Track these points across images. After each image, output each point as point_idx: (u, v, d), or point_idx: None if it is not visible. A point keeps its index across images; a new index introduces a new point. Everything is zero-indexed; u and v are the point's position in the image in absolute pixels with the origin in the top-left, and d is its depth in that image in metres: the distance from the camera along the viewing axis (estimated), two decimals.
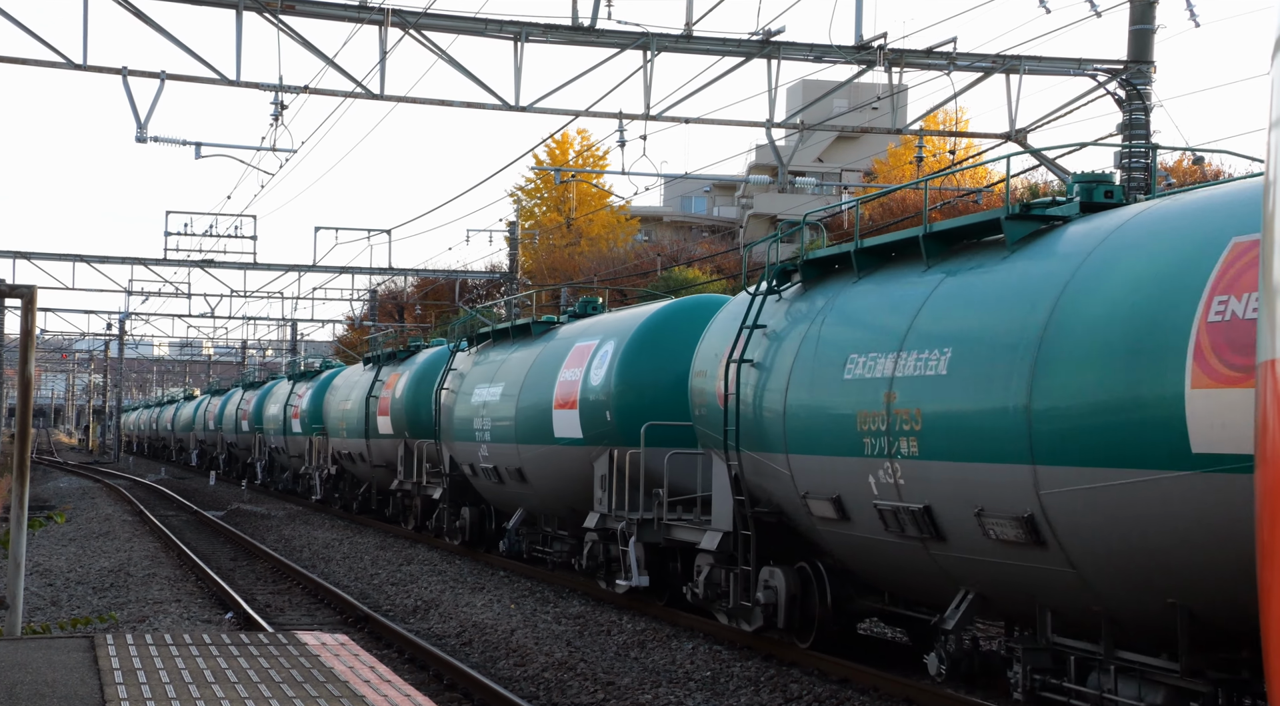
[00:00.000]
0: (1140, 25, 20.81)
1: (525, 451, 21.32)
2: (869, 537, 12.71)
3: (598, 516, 18.96)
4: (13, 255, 43.74)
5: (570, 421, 19.75)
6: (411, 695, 8.11)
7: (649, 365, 18.88)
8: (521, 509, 23.07)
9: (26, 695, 7.66)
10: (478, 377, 24.18)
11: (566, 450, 19.89)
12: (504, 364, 23.13)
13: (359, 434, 33.27)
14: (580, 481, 19.68)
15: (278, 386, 48.23)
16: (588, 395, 19.27)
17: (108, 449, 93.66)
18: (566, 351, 20.69)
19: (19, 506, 10.23)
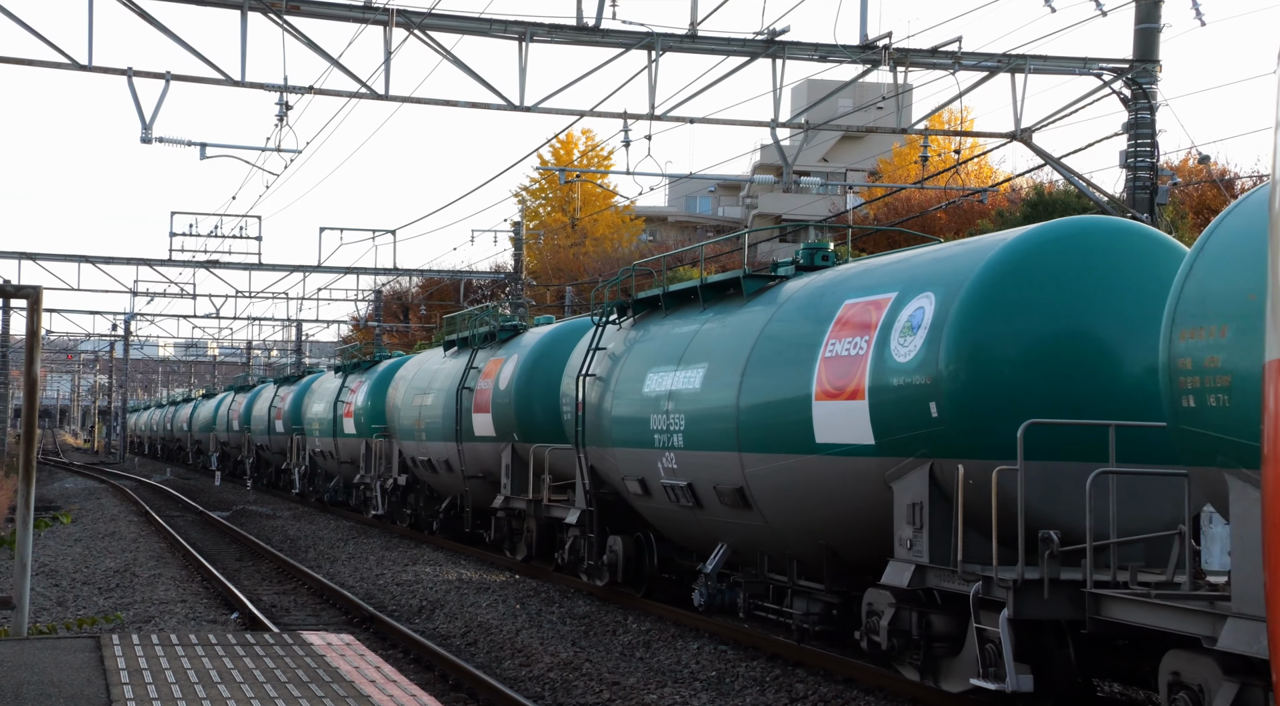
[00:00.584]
0: (1146, 24, 20.79)
1: (756, 464, 14.67)
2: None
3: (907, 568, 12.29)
4: (18, 256, 43.78)
5: (850, 420, 12.98)
6: (417, 695, 8.11)
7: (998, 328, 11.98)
8: (725, 544, 16.05)
9: (33, 695, 7.67)
10: (650, 358, 17.68)
11: (841, 463, 13.18)
12: (697, 337, 16.69)
13: (445, 436, 26.99)
14: (868, 508, 12.92)
15: (321, 380, 42.84)
16: (887, 378, 12.51)
17: (113, 449, 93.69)
18: (830, 312, 13.87)
19: (25, 507, 10.24)
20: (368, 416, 34.60)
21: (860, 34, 21.55)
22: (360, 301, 57.97)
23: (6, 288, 11.05)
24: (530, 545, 22.96)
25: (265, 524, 34.72)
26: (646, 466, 17.21)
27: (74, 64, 20.75)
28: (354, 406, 35.83)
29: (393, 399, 31.57)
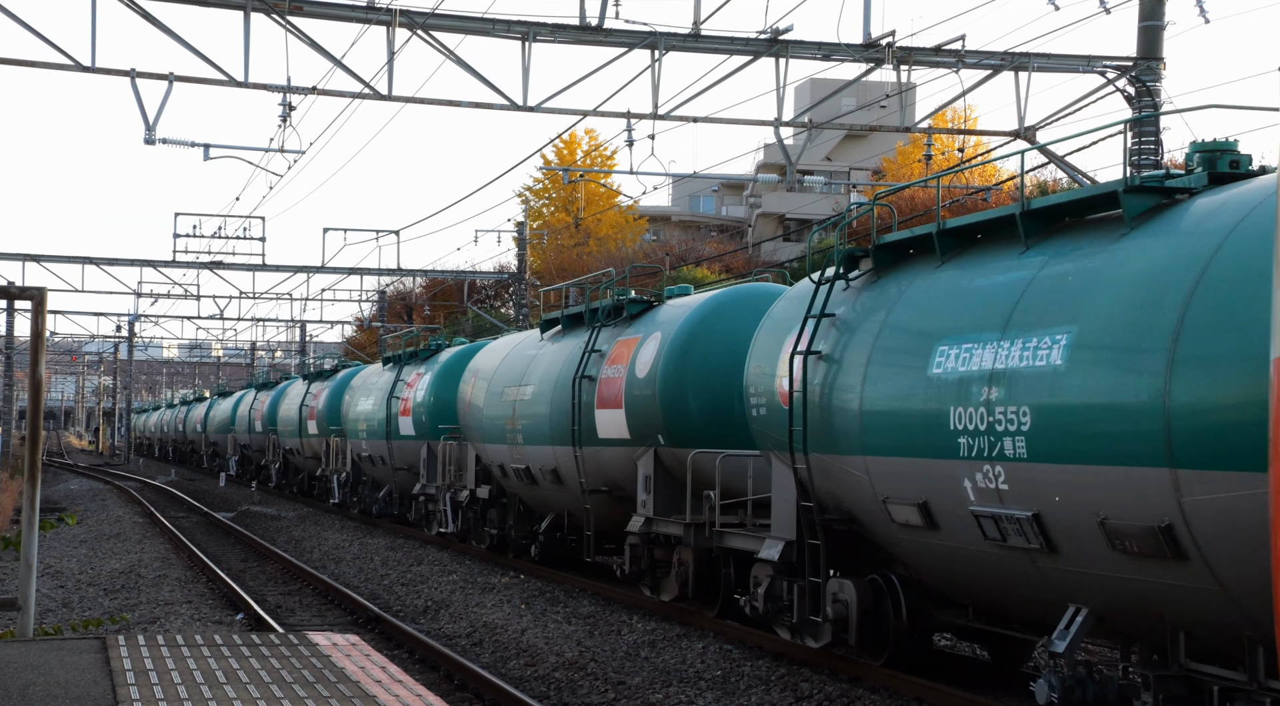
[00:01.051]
0: (1149, 22, 20.77)
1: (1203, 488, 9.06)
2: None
3: None
4: (22, 258, 43.83)
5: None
6: (423, 695, 8.11)
7: None
8: (1084, 609, 10.58)
9: (39, 696, 7.67)
10: (938, 323, 12.01)
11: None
12: (1032, 288, 10.97)
13: (555, 438, 20.75)
14: None
15: (364, 374, 37.20)
16: None
17: (118, 450, 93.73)
18: None
19: (30, 508, 10.24)
20: (431, 414, 28.86)
21: (863, 33, 21.55)
22: (364, 302, 58.04)
23: (11, 289, 11.03)
24: (685, 582, 17.34)
25: (270, 525, 34.74)
26: (939, 484, 11.55)
27: (77, 65, 20.76)
28: (412, 402, 30.00)
29: (466, 393, 25.40)
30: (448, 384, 28.32)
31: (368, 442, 33.97)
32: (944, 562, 12.22)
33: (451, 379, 28.12)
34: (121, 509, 39.92)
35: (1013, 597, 11.72)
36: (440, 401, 28.57)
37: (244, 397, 57.94)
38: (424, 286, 68.31)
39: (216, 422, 63.73)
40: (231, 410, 59.40)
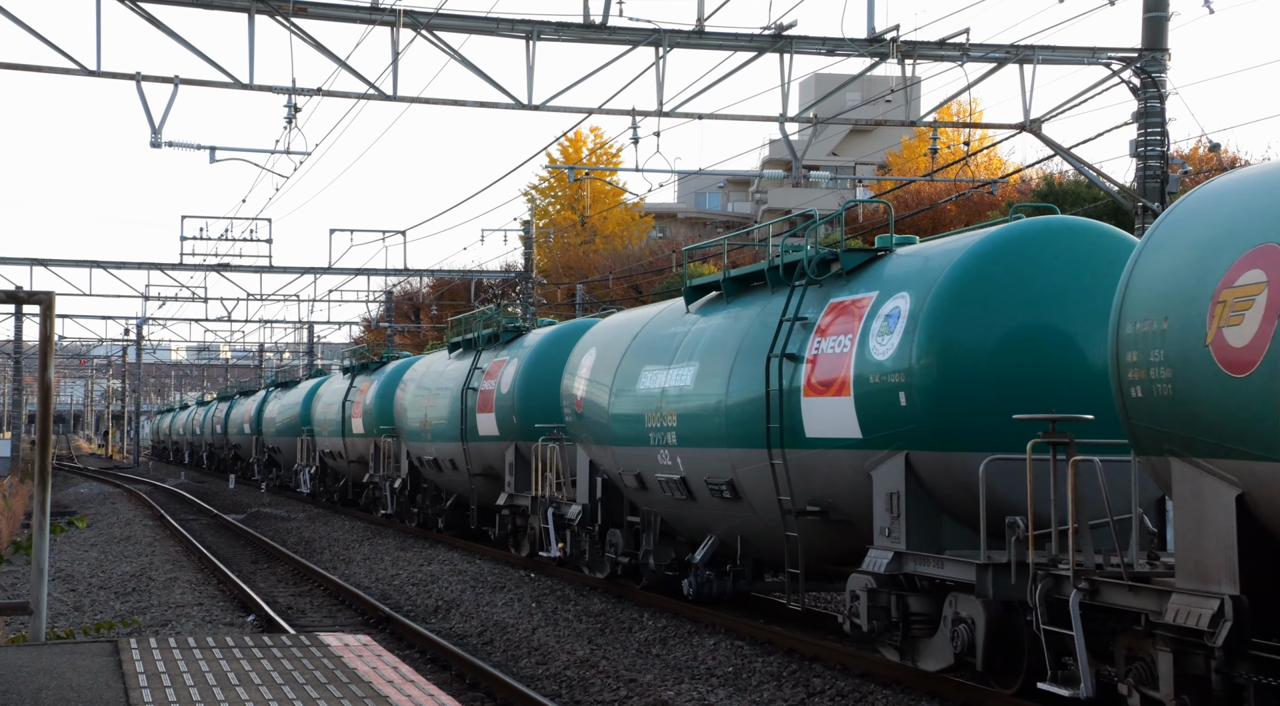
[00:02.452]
0: (1154, 13, 20.73)
1: None
2: None
3: None
4: (29, 262, 43.89)
5: None
6: (435, 695, 8.12)
7: None
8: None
9: (52, 700, 7.68)
10: None
11: None
12: None
13: (738, 438, 15.58)
14: None
15: (422, 365, 31.96)
16: None
17: (127, 454, 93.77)
18: None
19: (41, 512, 10.25)
20: (522, 410, 23.95)
21: (868, 27, 21.53)
22: (371, 302, 58.04)
23: (19, 293, 11.05)
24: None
25: (280, 526, 34.77)
26: None
27: (83, 69, 20.78)
28: (495, 396, 25.19)
29: (578, 385, 20.29)
30: (543, 373, 23.70)
31: (434, 445, 28.74)
32: None
33: (548, 367, 23.47)
34: (132, 511, 39.98)
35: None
36: (534, 394, 23.82)
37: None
38: (431, 286, 68.35)
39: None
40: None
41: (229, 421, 63.50)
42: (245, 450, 57.84)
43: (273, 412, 50.95)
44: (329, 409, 40.78)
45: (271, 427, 50.74)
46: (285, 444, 48.54)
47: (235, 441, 60.97)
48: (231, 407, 63.13)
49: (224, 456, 66.01)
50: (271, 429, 50.74)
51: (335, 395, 40.66)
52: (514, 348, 25.19)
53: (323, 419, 41.50)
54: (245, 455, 58.40)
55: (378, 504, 34.47)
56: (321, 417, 41.75)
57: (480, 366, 26.63)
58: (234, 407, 62.53)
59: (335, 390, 41.22)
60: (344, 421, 38.56)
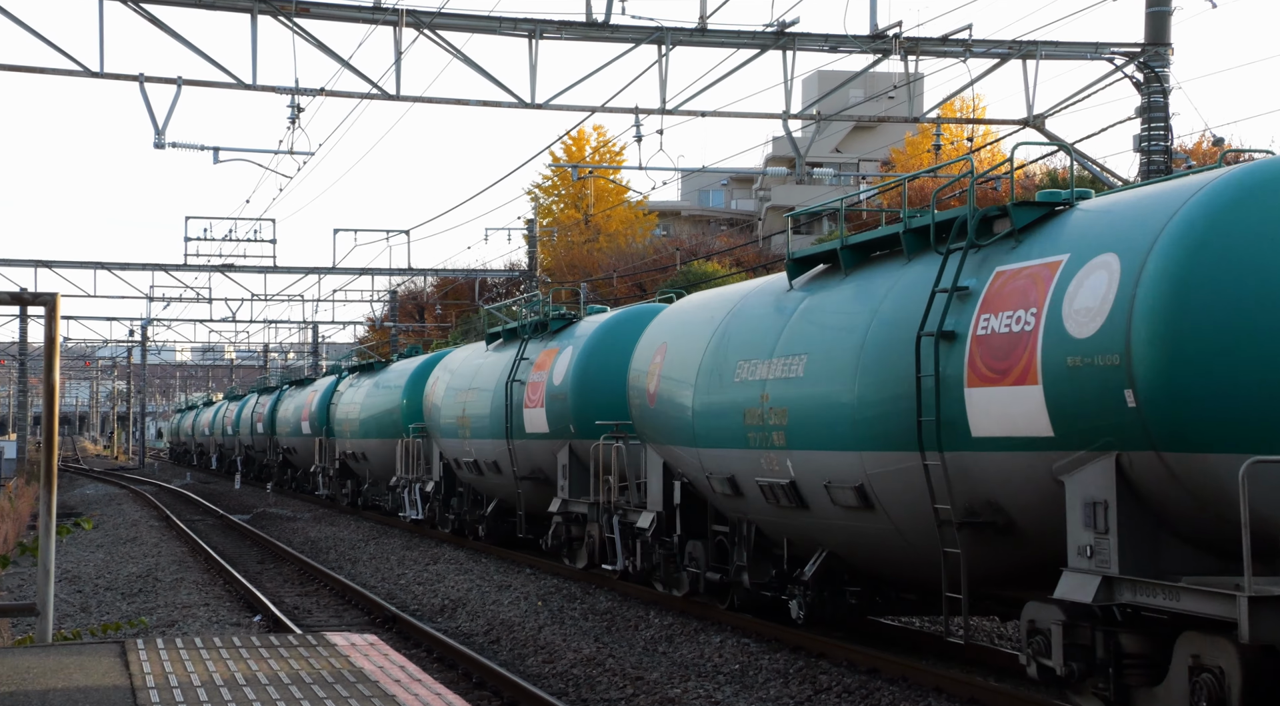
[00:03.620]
0: (1157, 7, 20.72)
1: None
2: None
3: None
4: (34, 264, 43.96)
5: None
6: (442, 694, 8.12)
7: None
8: None
9: (60, 701, 7.69)
10: None
11: None
12: None
13: (866, 440, 13.15)
14: None
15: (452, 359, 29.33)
16: None
17: (133, 456, 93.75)
18: None
19: (47, 513, 10.27)
20: (578, 407, 21.44)
21: (870, 23, 21.54)
22: (375, 302, 58.09)
23: (24, 295, 11.06)
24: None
25: (286, 526, 34.79)
26: None
27: (86, 71, 20.80)
28: (546, 390, 22.38)
29: (649, 380, 17.96)
30: (601, 364, 21.45)
31: (473, 443, 25.99)
32: None
33: (607, 356, 21.33)
34: (137, 512, 40.01)
35: None
36: (591, 387, 21.41)
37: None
38: (435, 286, 68.41)
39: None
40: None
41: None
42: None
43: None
44: (350, 407, 38.24)
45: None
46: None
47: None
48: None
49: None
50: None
51: (357, 393, 38.13)
52: (565, 336, 22.73)
53: (343, 418, 38.95)
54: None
55: (406, 508, 32.14)
56: (342, 417, 39.17)
57: (527, 357, 23.82)
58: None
59: (356, 387, 38.64)
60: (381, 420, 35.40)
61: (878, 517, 12.92)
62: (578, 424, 21.18)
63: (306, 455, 44.15)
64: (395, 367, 36.12)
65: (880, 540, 13.19)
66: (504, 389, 24.05)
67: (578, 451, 21.17)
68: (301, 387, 47.70)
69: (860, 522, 13.28)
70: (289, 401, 48.01)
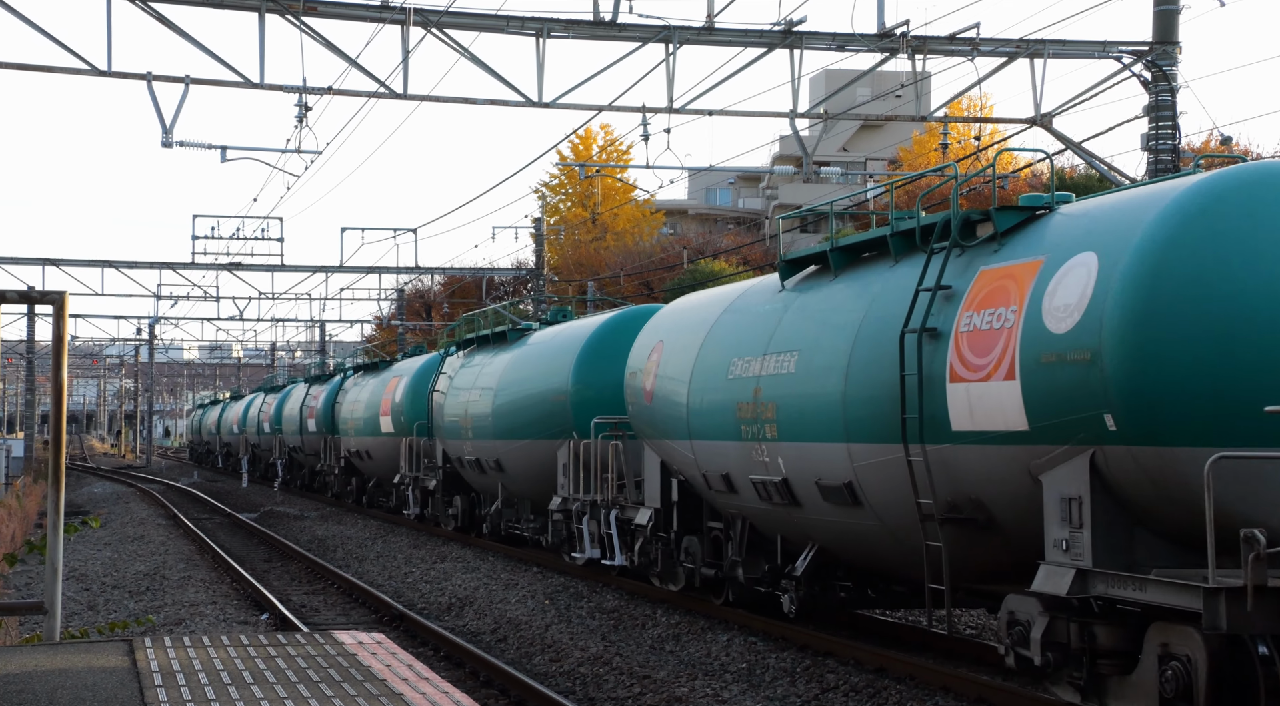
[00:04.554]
0: (1165, 6, 20.69)
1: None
2: None
3: None
4: (42, 262, 44.02)
5: None
6: (449, 692, 8.12)
7: None
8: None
9: (68, 700, 7.70)
10: None
11: None
12: None
13: None
14: None
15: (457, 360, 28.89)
16: None
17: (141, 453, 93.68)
18: None
19: (55, 512, 10.28)
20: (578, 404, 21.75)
21: (878, 22, 21.51)
22: (383, 301, 58.13)
23: (32, 294, 11.07)
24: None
25: (293, 525, 34.83)
26: None
27: (94, 69, 20.82)
28: None
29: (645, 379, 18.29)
30: (598, 364, 21.84)
31: (474, 443, 26.07)
32: None
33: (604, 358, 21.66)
34: (145, 510, 40.06)
35: None
36: (589, 387, 21.83)
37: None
38: (442, 284, 68.42)
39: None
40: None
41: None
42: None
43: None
44: (355, 406, 38.29)
45: None
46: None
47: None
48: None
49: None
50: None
51: (360, 392, 38.42)
52: (567, 337, 23.28)
53: (348, 416, 39.00)
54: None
55: (409, 506, 32.60)
56: (347, 415, 39.16)
57: None
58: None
59: (361, 386, 38.73)
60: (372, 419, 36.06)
61: (863, 513, 13.26)
62: (577, 423, 21.55)
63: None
64: (399, 366, 36.51)
65: (866, 535, 13.53)
66: None
67: (575, 449, 21.28)
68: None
69: (848, 517, 13.60)
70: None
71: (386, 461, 35.30)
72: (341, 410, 40.65)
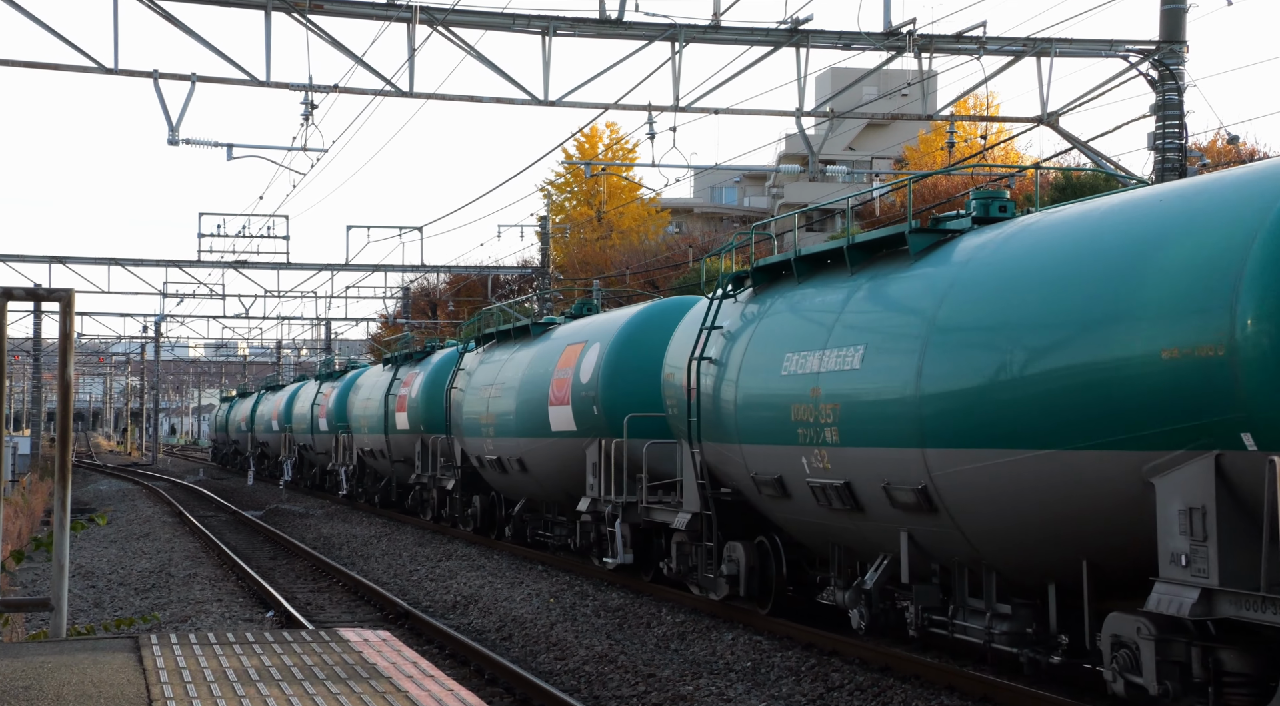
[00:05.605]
0: (1172, 4, 20.67)
1: None
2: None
3: None
4: (48, 260, 44.09)
5: None
6: (455, 690, 8.13)
7: None
8: None
9: (74, 696, 7.71)
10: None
11: None
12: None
13: None
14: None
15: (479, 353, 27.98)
16: None
17: (147, 450, 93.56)
18: None
19: (61, 509, 10.29)
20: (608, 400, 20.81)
21: (884, 21, 21.51)
22: (388, 299, 58.14)
23: (38, 291, 11.09)
24: None
25: (298, 523, 34.85)
26: None
27: (100, 67, 20.84)
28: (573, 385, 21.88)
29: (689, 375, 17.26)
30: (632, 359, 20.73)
31: (495, 441, 25.23)
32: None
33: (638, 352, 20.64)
34: (150, 508, 40.11)
35: None
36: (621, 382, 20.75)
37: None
38: (448, 282, 68.43)
39: None
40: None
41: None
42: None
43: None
44: (368, 404, 37.21)
45: None
46: None
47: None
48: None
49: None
50: None
51: (375, 389, 36.93)
52: (592, 332, 22.31)
53: (361, 414, 37.83)
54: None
55: (425, 507, 31.61)
56: (360, 413, 38.07)
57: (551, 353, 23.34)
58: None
59: (375, 383, 37.46)
60: (386, 417, 34.99)
61: (941, 522, 12.03)
62: (608, 420, 20.57)
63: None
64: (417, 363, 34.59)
65: (950, 547, 12.27)
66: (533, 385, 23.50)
67: (606, 449, 20.38)
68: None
69: (926, 525, 12.34)
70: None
71: (402, 460, 34.33)
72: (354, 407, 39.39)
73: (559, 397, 22.32)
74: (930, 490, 11.83)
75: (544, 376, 23.04)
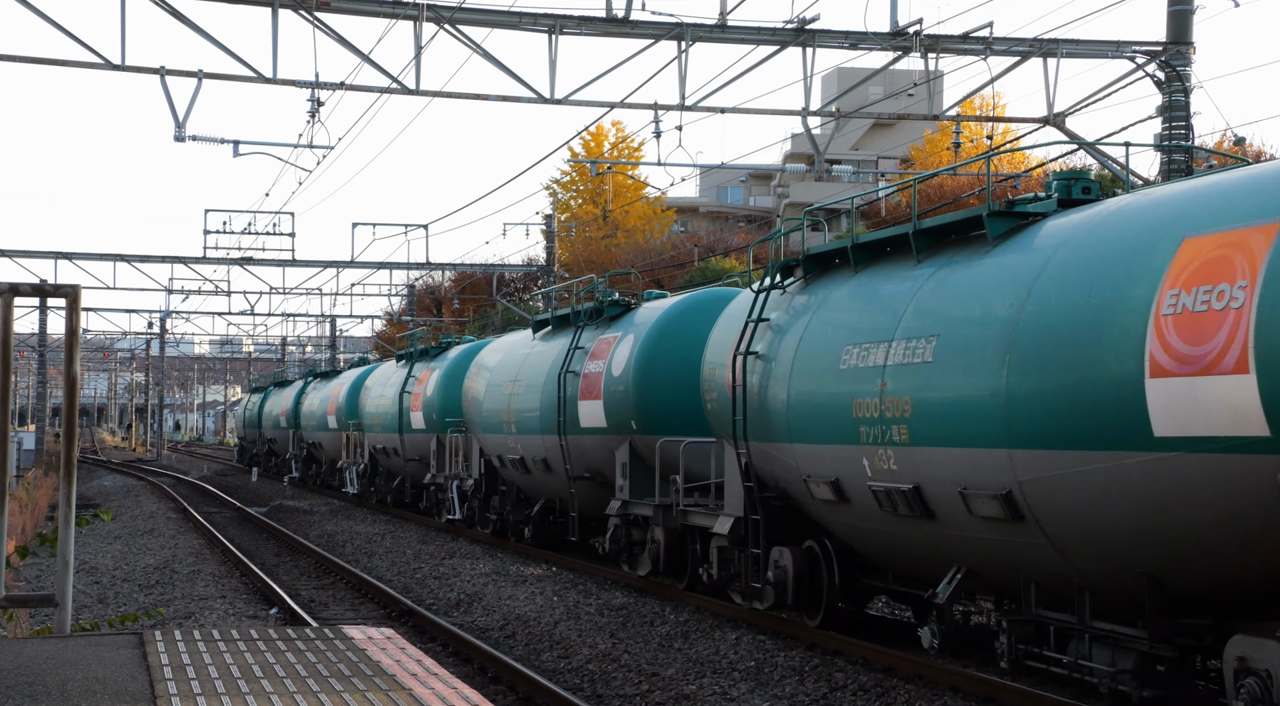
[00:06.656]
0: (1179, 6, 20.66)
1: None
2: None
3: None
4: (55, 256, 44.15)
5: None
6: (458, 687, 8.13)
7: None
8: None
9: (78, 691, 7.72)
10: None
11: None
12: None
13: None
14: None
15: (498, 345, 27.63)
16: None
17: (151, 446, 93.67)
18: None
19: (66, 504, 10.30)
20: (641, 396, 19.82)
21: (890, 20, 21.52)
22: (393, 296, 58.19)
23: (45, 287, 11.10)
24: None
25: (302, 519, 34.87)
26: None
27: (107, 64, 20.87)
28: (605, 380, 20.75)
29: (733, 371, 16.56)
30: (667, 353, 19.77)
31: (518, 439, 24.20)
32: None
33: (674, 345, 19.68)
34: (155, 504, 40.15)
35: None
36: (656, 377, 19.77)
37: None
38: (453, 280, 68.47)
39: None
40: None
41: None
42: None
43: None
44: (380, 401, 36.10)
45: None
46: None
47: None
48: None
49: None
50: None
51: (388, 386, 35.87)
52: (624, 323, 20.91)
53: (374, 411, 36.70)
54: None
55: (442, 508, 30.04)
56: (372, 410, 36.97)
57: (582, 345, 21.88)
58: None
59: (387, 380, 36.31)
60: (401, 415, 33.83)
61: (1028, 530, 11.01)
62: (640, 418, 19.58)
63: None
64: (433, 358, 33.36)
65: (1040, 561, 11.22)
66: (556, 381, 22.15)
67: (638, 448, 19.48)
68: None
69: (1008, 536, 11.30)
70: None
71: (416, 459, 33.30)
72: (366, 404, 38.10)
73: (589, 391, 21.13)
74: (1015, 495, 10.75)
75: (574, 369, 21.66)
